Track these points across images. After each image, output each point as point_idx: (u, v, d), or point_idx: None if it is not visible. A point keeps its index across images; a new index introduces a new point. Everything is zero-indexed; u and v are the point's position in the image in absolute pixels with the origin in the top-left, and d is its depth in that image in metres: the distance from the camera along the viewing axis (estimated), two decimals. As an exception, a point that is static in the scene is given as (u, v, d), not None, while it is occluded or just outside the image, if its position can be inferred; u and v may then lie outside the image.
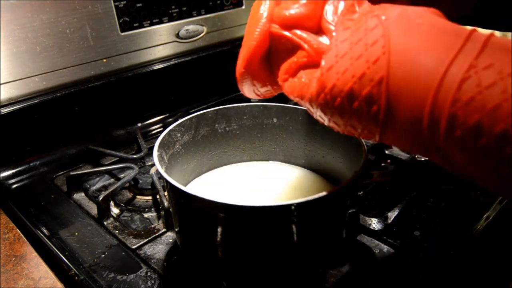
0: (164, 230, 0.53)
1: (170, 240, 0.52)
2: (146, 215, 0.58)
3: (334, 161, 0.52)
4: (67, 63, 0.68)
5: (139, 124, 0.80)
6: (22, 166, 0.67)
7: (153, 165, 0.66)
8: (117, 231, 0.54)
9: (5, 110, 0.63)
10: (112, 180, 0.66)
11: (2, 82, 0.63)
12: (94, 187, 0.64)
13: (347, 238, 0.48)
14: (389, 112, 0.27)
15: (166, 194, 0.53)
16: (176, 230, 0.47)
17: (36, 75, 0.66)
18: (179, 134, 0.51)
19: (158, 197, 0.60)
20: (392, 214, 0.55)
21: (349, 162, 0.48)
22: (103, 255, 0.49)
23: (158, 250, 0.50)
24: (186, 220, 0.44)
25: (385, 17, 0.28)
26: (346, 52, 0.28)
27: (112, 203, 0.59)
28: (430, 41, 0.25)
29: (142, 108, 0.81)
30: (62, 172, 0.67)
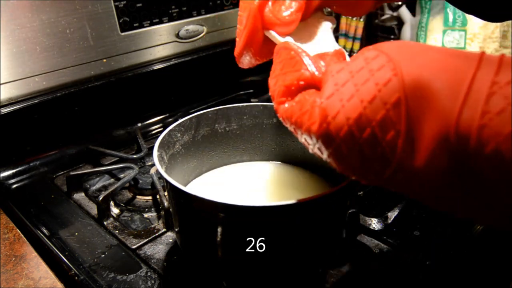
0: (164, 230, 0.53)
1: (170, 240, 0.52)
2: (146, 215, 0.58)
3: (334, 161, 0.52)
4: (67, 63, 0.68)
5: (139, 124, 0.80)
6: (22, 166, 0.67)
7: (153, 165, 0.66)
8: (117, 231, 0.54)
9: (5, 110, 0.63)
10: (112, 180, 0.66)
11: (2, 82, 0.63)
12: (94, 187, 0.64)
13: (347, 238, 0.48)
14: (409, 135, 0.25)
15: (166, 194, 0.53)
16: (176, 230, 0.47)
17: (36, 75, 0.66)
18: (179, 134, 0.51)
19: (158, 197, 0.60)
20: (392, 214, 0.55)
21: (349, 162, 0.48)
22: (103, 255, 0.49)
23: (158, 250, 0.50)
24: (186, 220, 0.44)
25: (385, 49, 0.26)
26: (347, 79, 0.27)
27: (112, 203, 0.59)
28: (442, 62, 0.24)
29: (142, 108, 0.81)
30: (62, 172, 0.67)
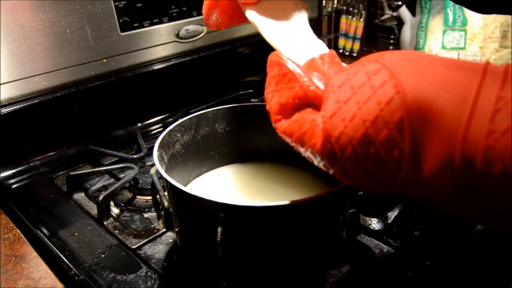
0: (164, 230, 0.53)
1: (170, 240, 0.52)
2: (146, 215, 0.58)
3: (334, 161, 0.52)
4: (67, 63, 0.68)
5: (139, 124, 0.80)
6: (22, 166, 0.67)
7: (153, 165, 0.66)
8: (117, 231, 0.54)
9: (5, 110, 0.63)
10: (112, 180, 0.66)
11: (2, 82, 0.63)
12: (94, 187, 0.64)
13: (347, 238, 0.47)
14: (413, 154, 0.25)
15: (166, 194, 0.53)
16: (176, 230, 0.47)
17: (36, 75, 0.66)
18: (179, 134, 0.51)
19: (158, 197, 0.60)
20: (392, 214, 0.55)
21: (349, 162, 0.48)
22: (103, 255, 0.49)
23: (158, 250, 0.50)
24: (186, 220, 0.44)
25: (387, 61, 0.26)
26: (349, 97, 0.26)
27: (112, 203, 0.59)
28: (445, 77, 0.24)
29: (142, 108, 0.81)
30: (62, 172, 0.67)
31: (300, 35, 0.36)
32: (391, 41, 1.17)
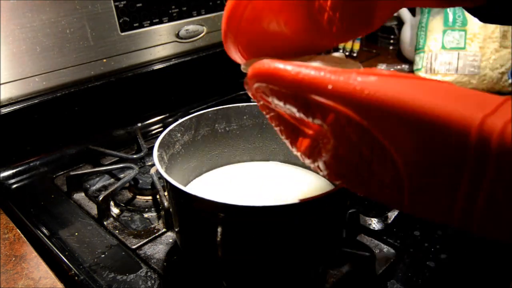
0: (164, 230, 0.53)
1: (170, 240, 0.52)
2: (146, 215, 0.58)
3: (334, 161, 0.52)
4: (67, 63, 0.68)
5: (139, 124, 0.80)
6: (22, 166, 0.67)
7: (153, 165, 0.66)
8: (117, 231, 0.54)
9: (5, 110, 0.63)
10: (112, 180, 0.66)
11: (2, 82, 0.63)
12: (94, 187, 0.64)
13: (347, 238, 0.47)
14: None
15: (166, 194, 0.53)
16: (176, 230, 0.47)
17: (36, 75, 0.66)
18: (179, 134, 0.51)
19: (158, 197, 0.60)
20: (392, 214, 0.55)
21: (349, 162, 0.48)
22: (103, 255, 0.49)
23: (158, 250, 0.50)
24: (186, 220, 0.44)
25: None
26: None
27: (112, 203, 0.59)
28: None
29: (142, 108, 0.81)
30: (62, 172, 0.67)
31: None
32: (391, 41, 1.17)
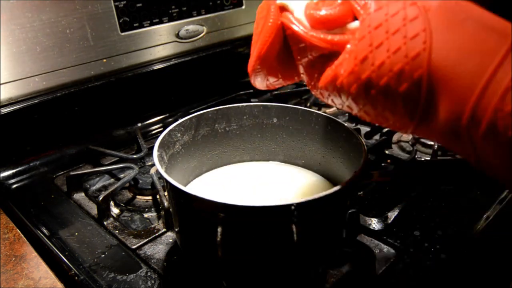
0: (164, 230, 0.53)
1: (170, 240, 0.52)
2: (146, 215, 0.58)
3: (334, 161, 0.52)
4: (67, 63, 0.68)
5: (139, 124, 0.80)
6: (22, 166, 0.67)
7: (153, 165, 0.66)
8: (117, 231, 0.54)
9: (5, 110, 0.63)
10: (112, 180, 0.66)
11: (2, 82, 0.63)
12: (94, 187, 0.64)
13: (347, 238, 0.47)
14: (426, 110, 0.27)
15: (166, 194, 0.53)
16: (176, 230, 0.47)
17: (36, 75, 0.66)
18: (179, 134, 0.51)
19: (158, 197, 0.60)
20: (392, 214, 0.55)
21: (349, 162, 0.48)
22: (103, 255, 0.49)
23: (158, 250, 0.50)
24: (186, 220, 0.44)
25: (426, 9, 0.27)
26: (381, 41, 0.27)
27: (112, 203, 0.59)
28: (474, 41, 0.24)
29: (142, 108, 0.81)
30: (62, 172, 0.67)
31: None
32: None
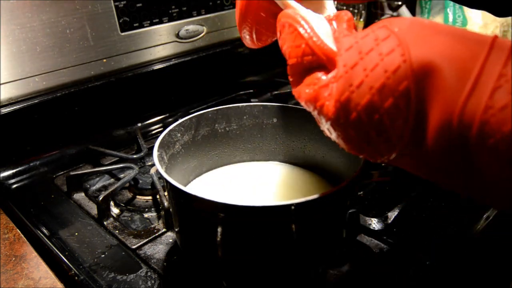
0: (164, 230, 0.53)
1: (170, 240, 0.52)
2: (146, 215, 0.58)
3: (334, 161, 0.52)
4: (67, 63, 0.68)
5: (139, 124, 0.80)
6: (22, 166, 0.67)
7: (153, 165, 0.66)
8: (117, 231, 0.54)
9: (5, 110, 0.63)
10: (112, 180, 0.66)
11: (2, 82, 0.63)
12: (94, 187, 0.64)
13: (347, 238, 0.47)
14: (416, 123, 0.25)
15: (166, 194, 0.53)
16: (176, 230, 0.47)
17: (36, 75, 0.66)
18: (179, 134, 0.51)
19: (158, 197, 0.60)
20: (392, 214, 0.55)
21: (349, 162, 0.48)
22: (103, 255, 0.49)
23: (158, 250, 0.50)
24: (186, 220, 0.44)
25: (396, 28, 0.26)
26: (356, 62, 0.26)
27: (112, 203, 0.59)
28: (453, 49, 0.24)
29: (142, 108, 0.81)
30: (62, 172, 0.67)
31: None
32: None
